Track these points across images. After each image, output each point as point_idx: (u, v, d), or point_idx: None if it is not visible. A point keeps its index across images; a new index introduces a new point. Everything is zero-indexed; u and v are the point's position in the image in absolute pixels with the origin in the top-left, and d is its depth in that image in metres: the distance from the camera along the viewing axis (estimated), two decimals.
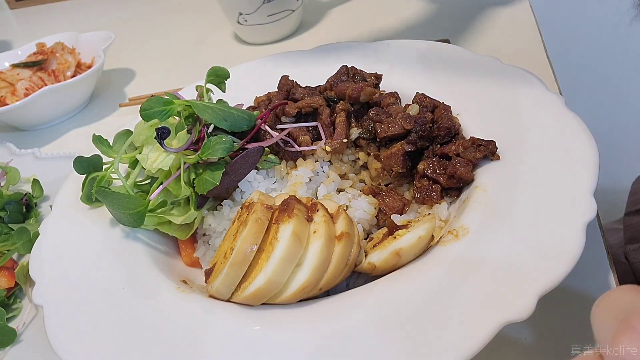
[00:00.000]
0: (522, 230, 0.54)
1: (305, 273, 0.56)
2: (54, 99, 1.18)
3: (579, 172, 0.57)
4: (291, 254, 0.55)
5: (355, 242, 0.60)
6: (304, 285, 0.56)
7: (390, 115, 0.73)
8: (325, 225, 0.58)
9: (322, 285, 0.57)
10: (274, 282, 0.55)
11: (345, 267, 0.58)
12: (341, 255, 0.57)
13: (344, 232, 0.58)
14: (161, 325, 0.57)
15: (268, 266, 0.55)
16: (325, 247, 0.57)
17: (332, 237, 0.58)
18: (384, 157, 0.71)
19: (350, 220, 0.61)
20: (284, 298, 0.56)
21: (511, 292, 0.48)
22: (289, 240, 0.56)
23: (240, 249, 0.57)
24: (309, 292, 0.57)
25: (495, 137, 0.68)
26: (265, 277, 0.55)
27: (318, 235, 0.57)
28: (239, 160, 0.68)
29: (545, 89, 0.70)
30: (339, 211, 0.62)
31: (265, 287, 0.55)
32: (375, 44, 0.94)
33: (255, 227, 0.58)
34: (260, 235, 0.58)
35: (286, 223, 0.57)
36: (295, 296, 0.56)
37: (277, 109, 0.80)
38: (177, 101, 0.73)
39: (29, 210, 0.92)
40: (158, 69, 1.45)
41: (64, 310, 0.61)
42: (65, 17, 2.02)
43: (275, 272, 0.55)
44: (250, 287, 0.56)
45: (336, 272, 0.57)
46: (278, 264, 0.55)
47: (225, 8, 1.36)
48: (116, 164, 0.73)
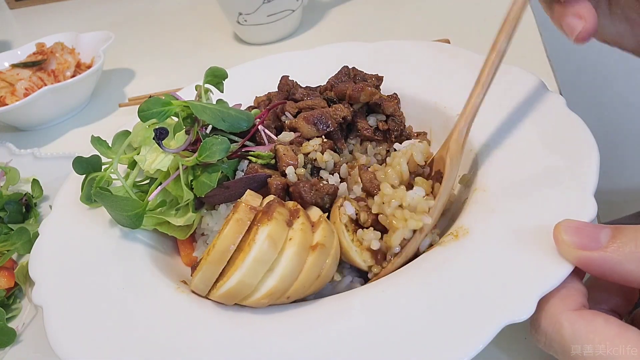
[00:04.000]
0: (522, 231, 0.54)
1: (274, 278, 0.55)
2: (53, 99, 1.17)
3: (579, 172, 0.57)
4: (264, 257, 0.55)
5: (331, 254, 0.59)
6: (271, 291, 0.55)
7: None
8: (301, 233, 0.57)
9: (290, 293, 0.56)
10: (245, 283, 0.55)
11: (316, 279, 0.57)
12: (312, 266, 0.57)
13: (319, 242, 0.58)
14: (160, 325, 0.57)
15: (242, 267, 0.55)
16: (296, 255, 0.56)
17: (307, 246, 0.57)
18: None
19: (331, 232, 0.60)
20: (252, 301, 0.56)
21: (511, 292, 0.48)
22: (264, 243, 0.55)
23: (219, 247, 0.57)
24: (277, 298, 0.56)
25: (495, 137, 0.68)
26: (238, 277, 0.55)
27: (292, 243, 0.57)
28: (244, 180, 0.68)
29: (545, 89, 0.70)
30: (319, 220, 0.61)
31: (237, 287, 0.55)
32: (375, 44, 0.94)
33: (234, 227, 0.57)
34: (239, 235, 0.57)
35: (265, 225, 0.57)
36: (263, 300, 0.56)
37: (277, 109, 0.80)
38: (175, 102, 0.73)
39: (29, 211, 0.92)
40: (158, 69, 1.45)
41: (64, 310, 0.60)
42: (65, 17, 2.03)
43: (247, 274, 0.55)
44: (225, 286, 0.56)
45: (306, 282, 0.57)
46: (251, 265, 0.55)
47: (225, 8, 1.36)
48: (115, 165, 0.73)
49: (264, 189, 0.68)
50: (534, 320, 0.47)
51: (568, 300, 0.46)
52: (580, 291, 0.47)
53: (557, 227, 0.49)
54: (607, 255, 0.44)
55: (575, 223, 0.48)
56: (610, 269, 0.44)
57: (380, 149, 0.79)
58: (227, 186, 0.68)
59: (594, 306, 0.48)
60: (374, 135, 0.78)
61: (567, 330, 0.44)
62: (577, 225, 0.48)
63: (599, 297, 0.50)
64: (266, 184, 0.68)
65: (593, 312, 0.45)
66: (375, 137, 0.78)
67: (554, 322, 0.45)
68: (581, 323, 0.43)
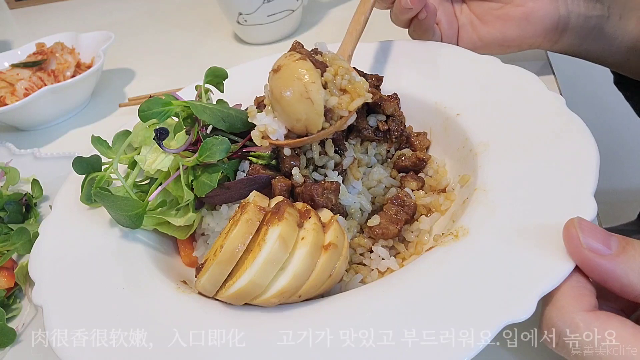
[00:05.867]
0: (522, 231, 0.54)
1: (286, 278, 0.56)
2: (53, 99, 1.17)
3: (579, 172, 0.57)
4: (275, 257, 0.55)
5: (343, 254, 0.59)
6: (283, 290, 0.55)
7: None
8: (314, 232, 0.58)
9: (301, 292, 0.56)
10: (256, 283, 0.55)
11: (328, 278, 0.58)
12: (325, 265, 0.57)
13: (332, 242, 0.58)
14: (160, 325, 0.57)
15: (252, 267, 0.55)
16: (310, 254, 0.56)
17: (319, 245, 0.58)
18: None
19: (341, 232, 0.61)
20: (262, 300, 0.56)
21: (511, 292, 0.48)
22: (275, 243, 0.55)
23: (228, 247, 0.57)
24: (288, 297, 0.56)
25: (495, 137, 0.68)
26: (248, 277, 0.55)
27: (305, 242, 0.57)
28: (245, 181, 0.68)
29: (545, 89, 0.70)
30: (331, 221, 0.62)
31: (248, 287, 0.55)
32: (375, 44, 0.94)
33: (244, 228, 0.58)
34: (248, 236, 0.57)
35: (275, 226, 0.57)
36: (274, 299, 0.56)
37: None
38: (175, 102, 0.73)
39: (29, 211, 0.92)
40: (158, 69, 1.45)
41: (64, 310, 0.61)
42: (65, 17, 2.02)
43: (258, 274, 0.55)
44: (234, 287, 0.56)
45: (318, 282, 0.57)
46: (262, 265, 0.55)
47: (225, 8, 1.36)
48: (115, 165, 0.73)
49: (265, 190, 0.68)
50: (546, 320, 0.47)
51: (582, 300, 0.46)
52: (592, 291, 0.47)
53: (570, 223, 0.48)
54: (616, 264, 0.45)
55: (589, 223, 0.48)
56: (615, 278, 0.45)
57: (381, 149, 0.79)
58: (228, 187, 0.68)
59: (603, 304, 0.48)
60: (374, 135, 0.78)
61: (583, 331, 0.44)
62: (591, 227, 0.47)
63: (609, 296, 0.49)
64: (267, 185, 0.68)
65: (607, 314, 0.45)
66: (375, 138, 0.78)
67: (568, 322, 0.45)
68: (597, 324, 0.43)
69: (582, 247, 0.46)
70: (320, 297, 0.60)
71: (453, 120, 0.75)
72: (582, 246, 0.46)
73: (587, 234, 0.47)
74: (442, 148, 0.79)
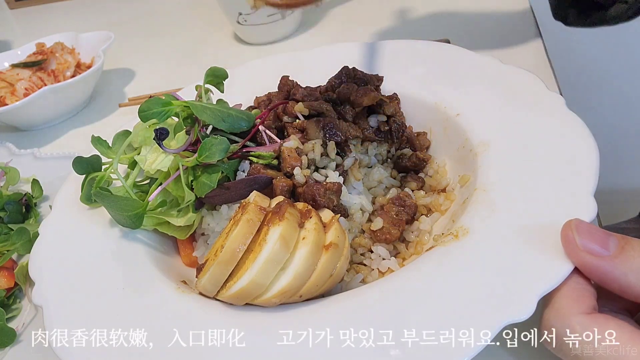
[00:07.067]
0: (522, 231, 0.54)
1: (287, 278, 0.56)
2: (53, 99, 1.17)
3: (579, 172, 0.57)
4: (276, 257, 0.55)
5: (344, 254, 0.59)
6: (284, 290, 0.55)
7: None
8: (315, 232, 0.58)
9: (302, 292, 0.56)
10: (257, 283, 0.55)
11: (329, 278, 0.58)
12: (326, 265, 0.57)
13: (332, 242, 0.58)
14: (160, 325, 0.57)
15: (253, 267, 0.55)
16: (311, 254, 0.56)
17: (320, 245, 0.58)
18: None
19: (342, 232, 0.61)
20: (263, 300, 0.56)
21: (511, 292, 0.48)
22: (276, 243, 0.55)
23: (229, 248, 0.57)
24: (289, 297, 0.56)
25: (495, 137, 0.68)
26: (249, 277, 0.55)
27: (306, 242, 0.57)
28: (245, 181, 0.68)
29: (545, 89, 0.70)
30: (331, 221, 0.62)
31: (249, 287, 0.55)
32: (375, 44, 0.94)
33: (245, 228, 0.58)
34: (249, 236, 0.57)
35: (276, 226, 0.57)
36: (274, 299, 0.56)
37: (277, 109, 0.80)
38: (175, 102, 0.73)
39: (29, 211, 0.92)
40: (158, 69, 1.45)
41: (64, 310, 0.61)
42: (65, 17, 2.02)
43: (259, 274, 0.55)
44: (235, 287, 0.56)
45: (319, 281, 0.57)
46: (263, 265, 0.55)
47: (225, 8, 1.36)
48: (115, 165, 0.73)
49: (266, 190, 0.68)
50: (545, 322, 0.47)
51: (581, 302, 0.46)
52: (592, 293, 0.47)
53: (567, 225, 0.48)
54: (614, 265, 0.44)
55: (587, 224, 0.48)
56: (613, 279, 0.45)
57: (381, 149, 0.79)
58: (228, 187, 0.68)
59: (605, 303, 0.48)
60: (375, 136, 0.78)
61: (579, 333, 0.44)
62: (589, 229, 0.47)
63: (613, 296, 0.49)
64: (268, 185, 0.68)
65: (605, 316, 0.45)
66: (376, 138, 0.78)
67: (566, 325, 0.45)
68: (594, 327, 0.43)
69: (579, 250, 0.46)
70: (321, 297, 0.60)
71: (453, 120, 0.75)
72: (579, 248, 0.46)
73: (585, 236, 0.46)
74: (442, 148, 0.79)
